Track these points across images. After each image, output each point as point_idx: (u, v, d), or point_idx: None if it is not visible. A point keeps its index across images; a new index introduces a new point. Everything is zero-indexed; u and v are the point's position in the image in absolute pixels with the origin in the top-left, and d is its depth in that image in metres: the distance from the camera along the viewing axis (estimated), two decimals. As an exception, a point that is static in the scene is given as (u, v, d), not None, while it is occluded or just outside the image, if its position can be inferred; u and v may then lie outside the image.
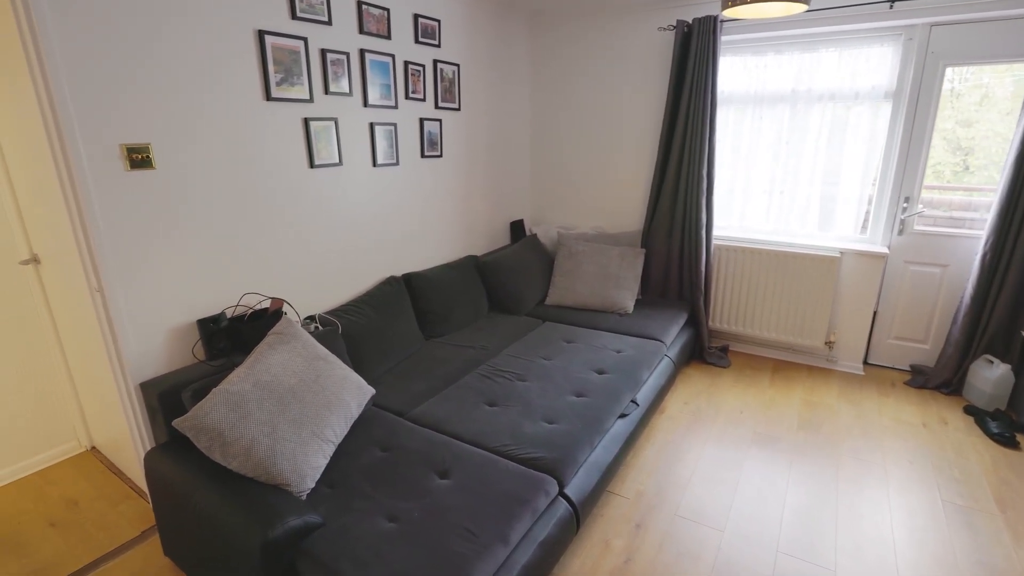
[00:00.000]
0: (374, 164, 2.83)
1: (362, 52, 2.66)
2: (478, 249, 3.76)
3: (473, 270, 3.43)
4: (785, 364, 3.60)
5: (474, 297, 3.31)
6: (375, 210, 2.89)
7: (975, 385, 3.01)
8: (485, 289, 3.46)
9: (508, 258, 3.50)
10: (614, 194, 3.96)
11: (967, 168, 3.13)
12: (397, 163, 2.97)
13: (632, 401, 2.52)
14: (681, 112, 3.36)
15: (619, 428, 2.34)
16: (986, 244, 2.90)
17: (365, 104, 2.72)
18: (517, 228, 4.11)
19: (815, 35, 3.18)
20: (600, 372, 2.63)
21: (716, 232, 3.63)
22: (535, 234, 3.95)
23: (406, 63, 2.92)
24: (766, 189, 3.55)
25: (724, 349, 3.68)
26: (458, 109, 3.35)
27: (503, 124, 3.83)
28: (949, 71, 2.98)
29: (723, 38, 3.34)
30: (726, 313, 3.68)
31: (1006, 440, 2.69)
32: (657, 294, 3.73)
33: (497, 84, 3.69)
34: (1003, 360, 2.97)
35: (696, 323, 3.57)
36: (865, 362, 3.56)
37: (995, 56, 2.85)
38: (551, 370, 2.62)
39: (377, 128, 2.80)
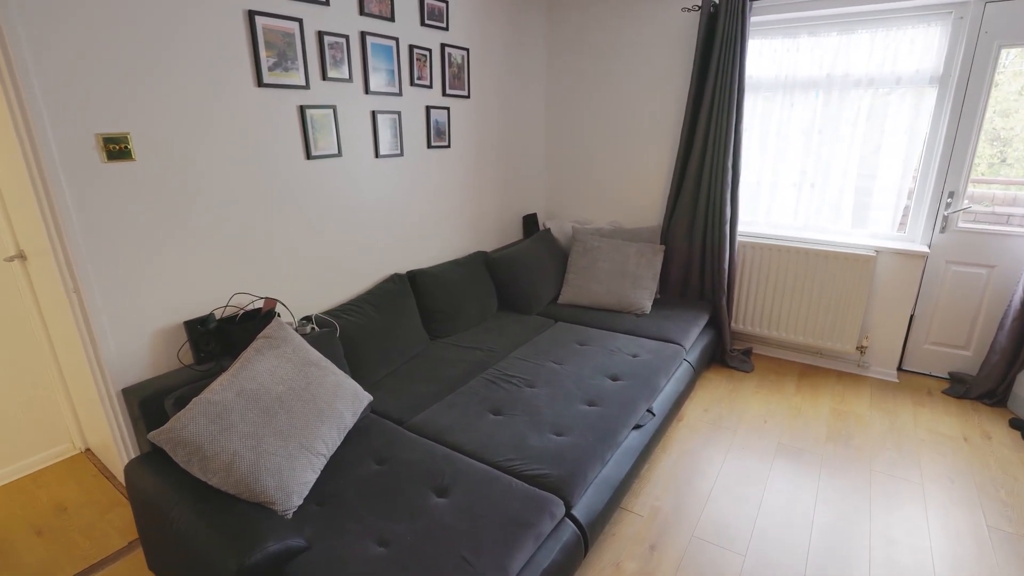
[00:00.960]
0: (376, 155, 2.68)
1: (363, 35, 2.50)
2: (488, 244, 3.60)
3: (482, 267, 3.27)
4: (812, 369, 3.39)
5: (483, 295, 3.16)
6: (377, 204, 2.75)
7: (1023, 397, 2.78)
8: (495, 287, 3.30)
9: (519, 254, 3.34)
10: (633, 187, 3.76)
11: (1004, 160, 2.92)
12: (401, 154, 2.82)
13: (648, 411, 2.35)
14: (705, 99, 3.15)
15: (633, 440, 2.17)
16: (1040, 243, 2.66)
17: (367, 91, 2.57)
18: (530, 222, 3.93)
19: (854, 14, 2.93)
20: (614, 378, 2.46)
21: (741, 228, 3.42)
22: (548, 229, 3.77)
23: (411, 47, 2.76)
24: (795, 182, 3.32)
25: (747, 352, 3.47)
26: (467, 97, 3.18)
27: (516, 113, 3.65)
28: (1004, 53, 2.72)
29: (752, 19, 3.10)
30: (750, 314, 3.47)
31: (1058, 458, 2.46)
32: (677, 293, 3.53)
33: (510, 70, 3.51)
34: (1055, 370, 2.74)
35: (718, 325, 3.37)
36: (899, 368, 3.33)
37: (1056, 36, 2.58)
38: (562, 375, 2.46)
39: (380, 116, 2.65)
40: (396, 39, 2.67)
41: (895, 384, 3.19)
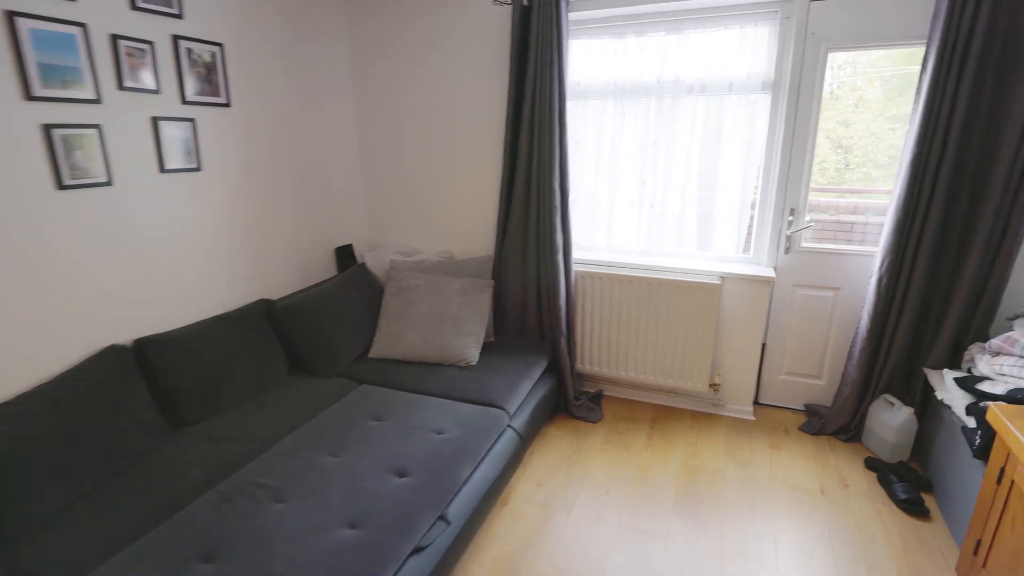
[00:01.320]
0: (59, 185, 1.91)
1: (10, 15, 1.73)
2: (279, 289, 2.87)
3: (262, 320, 2.56)
4: (667, 411, 3.00)
5: (260, 359, 2.45)
6: (67, 254, 1.96)
7: (875, 431, 2.53)
8: (282, 344, 2.61)
9: (315, 300, 2.66)
10: (462, 212, 3.22)
11: (848, 165, 2.86)
12: (109, 182, 2.06)
13: (440, 518, 1.77)
14: (525, 108, 2.67)
15: (410, 573, 1.58)
16: (881, 266, 2.41)
17: (28, 96, 1.80)
18: (345, 256, 3.27)
19: (680, 12, 2.59)
20: (401, 475, 1.87)
21: (579, 255, 2.97)
22: (364, 264, 3.13)
23: (114, 37, 2.02)
24: (634, 201, 2.93)
25: (597, 398, 3.03)
26: (226, 105, 2.47)
27: (312, 125, 2.98)
28: (831, 58, 2.48)
29: (571, 15, 2.67)
30: (596, 354, 3.03)
31: (914, 507, 2.19)
32: (516, 334, 3.02)
33: (297, 73, 2.84)
34: (904, 402, 2.50)
35: (559, 370, 2.90)
36: (756, 402, 3.03)
37: (882, 38, 2.36)
38: (330, 477, 1.82)
39: (58, 133, 1.88)
40: (83, 25, 1.92)
41: (751, 423, 2.87)
